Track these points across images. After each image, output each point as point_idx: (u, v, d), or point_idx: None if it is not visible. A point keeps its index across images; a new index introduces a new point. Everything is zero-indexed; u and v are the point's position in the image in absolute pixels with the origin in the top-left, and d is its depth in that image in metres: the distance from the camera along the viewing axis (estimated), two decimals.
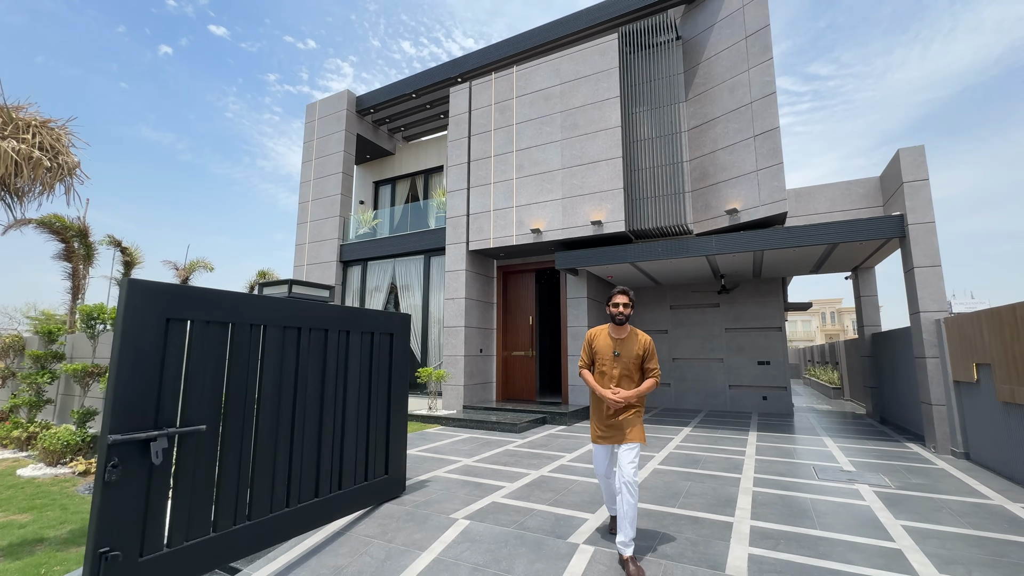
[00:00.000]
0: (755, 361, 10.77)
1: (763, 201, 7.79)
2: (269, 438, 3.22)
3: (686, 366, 11.39)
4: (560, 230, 9.13)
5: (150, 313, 2.61)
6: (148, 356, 2.58)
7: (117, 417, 2.44)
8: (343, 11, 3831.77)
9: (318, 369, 3.66)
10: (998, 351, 4.99)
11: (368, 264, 12.41)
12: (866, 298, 9.94)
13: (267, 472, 3.18)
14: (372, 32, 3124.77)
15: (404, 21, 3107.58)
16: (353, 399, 3.93)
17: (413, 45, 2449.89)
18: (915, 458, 6.01)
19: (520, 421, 8.08)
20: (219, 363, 2.95)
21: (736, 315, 11.06)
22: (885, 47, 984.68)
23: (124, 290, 2.54)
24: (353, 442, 3.90)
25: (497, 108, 10.40)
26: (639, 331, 3.31)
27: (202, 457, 2.82)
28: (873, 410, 9.73)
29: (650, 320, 11.84)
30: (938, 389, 6.31)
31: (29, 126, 3.99)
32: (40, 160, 3.96)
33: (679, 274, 10.22)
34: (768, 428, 8.30)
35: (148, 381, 2.57)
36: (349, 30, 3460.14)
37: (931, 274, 6.51)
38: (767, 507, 4.10)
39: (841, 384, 14.31)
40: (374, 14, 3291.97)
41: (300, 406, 3.46)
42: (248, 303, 3.15)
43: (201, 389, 2.84)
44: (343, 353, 3.90)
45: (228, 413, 2.98)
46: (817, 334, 61.12)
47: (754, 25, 8.19)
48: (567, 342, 9.87)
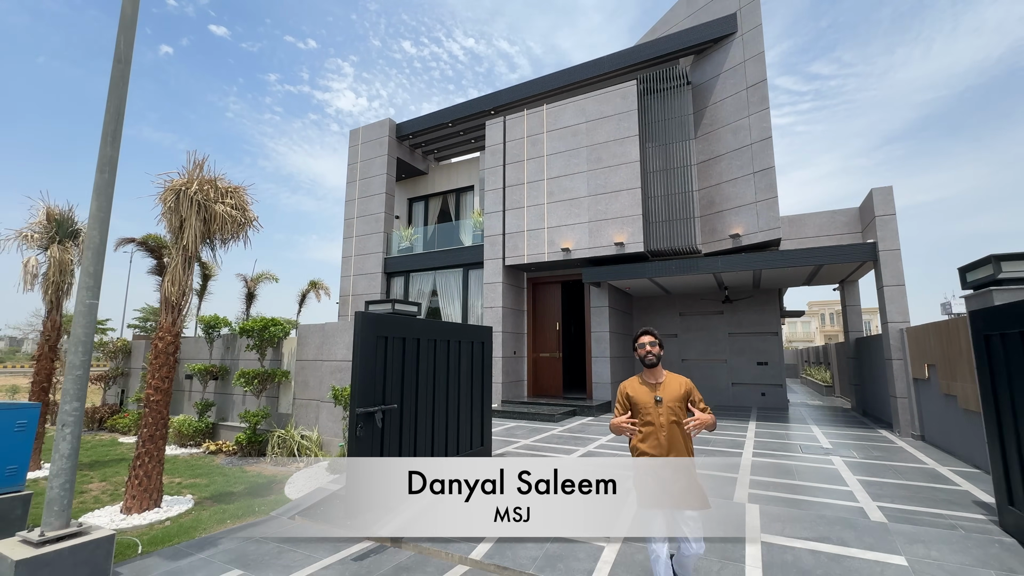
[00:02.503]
0: (755, 362, 12.27)
1: (761, 228, 9.30)
2: (426, 413, 4.75)
3: (693, 366, 12.89)
4: (587, 249, 10.63)
5: (370, 333, 4.13)
6: (371, 360, 4.11)
7: (359, 398, 3.97)
8: (344, 11, 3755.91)
9: (444, 367, 5.18)
10: (940, 354, 6.50)
11: (410, 275, 13.93)
12: (851, 307, 11.45)
13: (426, 435, 4.71)
14: (373, 32, 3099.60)
15: (405, 20, 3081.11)
16: (465, 388, 5.46)
17: (414, 45, 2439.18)
18: (882, 440, 7.52)
19: (556, 413, 9.59)
20: (401, 364, 4.48)
21: (738, 321, 12.57)
22: (887, 46, 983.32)
23: (358, 319, 4.06)
24: (467, 419, 5.43)
25: (529, 141, 11.92)
26: (674, 373, 2.92)
27: (394, 425, 4.35)
28: (857, 404, 11.23)
29: (661, 325, 13.35)
30: (902, 384, 7.82)
31: (227, 192, 5.52)
32: (236, 217, 5.49)
33: (688, 286, 11.73)
34: (765, 419, 9.81)
35: (372, 376, 4.10)
36: (350, 30, 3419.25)
37: (897, 292, 8.02)
38: (761, 469, 5.62)
39: (832, 382, 15.82)
40: (375, 14, 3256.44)
41: (439, 393, 4.99)
42: (415, 324, 4.69)
43: (393, 381, 4.37)
44: (456, 356, 5.42)
45: (405, 397, 4.50)
46: (816, 335, 62.55)
47: (753, 78, 9.70)
48: (591, 345, 11.37)
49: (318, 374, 7.47)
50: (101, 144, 3.84)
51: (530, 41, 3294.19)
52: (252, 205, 5.86)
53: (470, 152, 16.29)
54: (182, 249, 5.17)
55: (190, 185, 5.20)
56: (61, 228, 6.77)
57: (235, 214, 5.45)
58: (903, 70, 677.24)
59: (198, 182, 5.25)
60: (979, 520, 3.96)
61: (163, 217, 5.20)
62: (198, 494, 5.63)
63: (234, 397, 8.49)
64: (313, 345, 7.60)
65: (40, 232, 6.62)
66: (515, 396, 11.70)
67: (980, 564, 3.24)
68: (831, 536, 3.70)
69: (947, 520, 3.97)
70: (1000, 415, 3.62)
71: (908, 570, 3.21)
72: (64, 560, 3.26)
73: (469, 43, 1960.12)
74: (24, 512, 4.17)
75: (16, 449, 4.19)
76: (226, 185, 5.55)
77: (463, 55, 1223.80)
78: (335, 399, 6.50)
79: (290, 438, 7.06)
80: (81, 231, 6.99)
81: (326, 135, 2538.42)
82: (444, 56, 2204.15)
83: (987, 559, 3.30)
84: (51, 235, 6.66)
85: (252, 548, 4.11)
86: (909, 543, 3.54)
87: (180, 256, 5.16)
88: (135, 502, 4.81)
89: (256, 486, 5.95)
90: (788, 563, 3.35)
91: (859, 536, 3.68)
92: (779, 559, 3.41)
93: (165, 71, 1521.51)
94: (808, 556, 3.45)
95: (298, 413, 7.58)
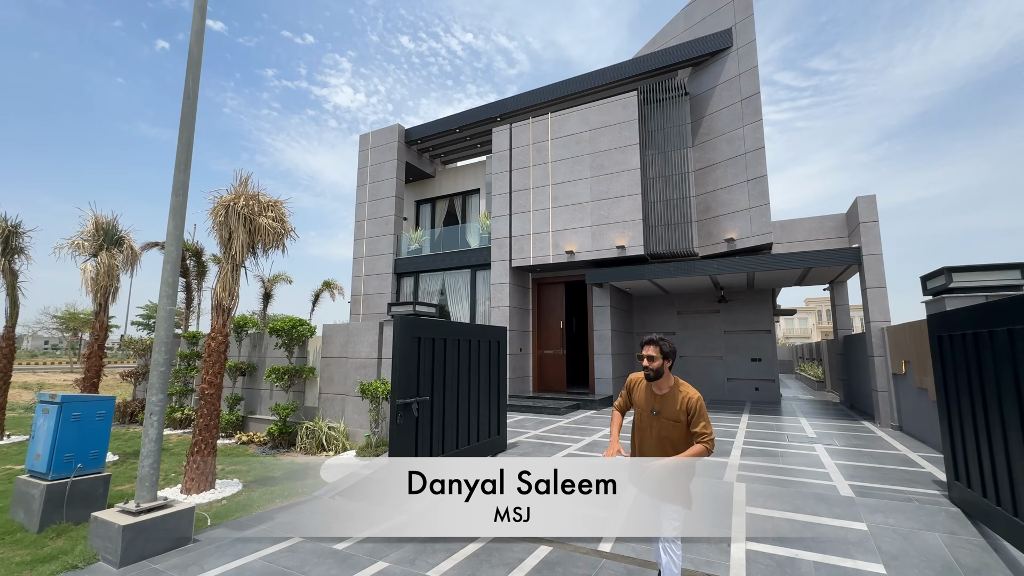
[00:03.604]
0: (749, 358, 12.90)
1: (754, 233, 9.90)
2: (452, 404, 5.36)
3: (691, 362, 13.53)
4: (590, 252, 11.23)
5: (407, 334, 4.73)
6: (408, 357, 4.71)
7: (399, 390, 4.57)
8: (341, 6, 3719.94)
9: (466, 363, 5.77)
10: (915, 352, 7.12)
11: (420, 276, 14.52)
12: (840, 306, 12.08)
13: (452, 424, 5.33)
14: (371, 27, 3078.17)
15: (403, 15, 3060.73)
16: (484, 383, 6.07)
17: (412, 40, 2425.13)
18: (864, 430, 8.16)
19: (561, 406, 10.21)
20: (431, 361, 5.08)
21: (733, 320, 13.19)
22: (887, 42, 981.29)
23: (397, 322, 4.66)
24: (486, 410, 6.04)
25: (535, 148, 12.48)
26: (686, 385, 2.71)
27: (426, 414, 4.95)
28: (844, 398, 11.88)
29: (660, 324, 13.98)
30: (883, 379, 8.44)
31: (269, 205, 6.10)
32: (276, 228, 6.07)
33: (686, 287, 12.34)
34: (758, 412, 10.45)
35: (409, 371, 4.70)
36: (347, 25, 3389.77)
37: (879, 293, 8.63)
38: (750, 454, 6.24)
39: (824, 378, 16.48)
40: (372, 8, 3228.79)
41: (462, 386, 5.60)
42: (443, 326, 5.29)
43: (425, 376, 4.97)
44: (475, 353, 6.02)
45: (435, 390, 5.11)
46: (813, 331, 63.30)
47: (748, 91, 10.28)
48: (593, 343, 11.98)
49: (343, 370, 8.07)
50: (175, 170, 4.42)
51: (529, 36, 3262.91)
52: (290, 216, 6.45)
53: (476, 156, 16.85)
54: (231, 258, 5.75)
55: (237, 200, 5.78)
56: (108, 236, 7.35)
57: (275, 226, 6.03)
58: (902, 65, 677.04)
59: (244, 197, 5.83)
60: (933, 495, 4.59)
61: (213, 229, 5.78)
62: (242, 479, 6.24)
63: (261, 392, 9.09)
64: (338, 343, 8.19)
65: (90, 240, 7.18)
66: (521, 391, 12.31)
67: (927, 528, 3.87)
68: (805, 508, 4.32)
69: (906, 495, 4.60)
70: (949, 404, 4.24)
71: (867, 533, 3.83)
72: (156, 527, 3.88)
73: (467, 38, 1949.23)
74: (105, 490, 4.78)
75: (97, 436, 4.80)
76: (267, 199, 6.13)
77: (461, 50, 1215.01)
78: (362, 393, 7.10)
79: (318, 429, 7.67)
80: (125, 238, 7.56)
81: (324, 131, 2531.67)
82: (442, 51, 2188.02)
83: (934, 524, 3.93)
84: (99, 243, 7.23)
85: (305, 521, 4.73)
86: (870, 513, 4.16)
87: (229, 264, 5.75)
88: (193, 484, 5.41)
89: (293, 472, 6.56)
90: (768, 528, 3.98)
91: (829, 508, 4.30)
92: (760, 525, 4.04)
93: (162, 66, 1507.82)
94: (785, 523, 4.07)
95: (324, 406, 8.19)
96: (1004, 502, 3.42)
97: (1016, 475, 3.26)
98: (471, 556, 3.90)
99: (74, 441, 4.59)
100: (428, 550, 4.02)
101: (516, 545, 4.11)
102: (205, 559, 3.82)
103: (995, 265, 4.85)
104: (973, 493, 3.89)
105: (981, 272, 4.89)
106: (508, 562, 3.78)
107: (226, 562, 3.77)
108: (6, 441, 8.31)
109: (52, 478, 4.42)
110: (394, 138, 15.30)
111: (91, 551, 3.82)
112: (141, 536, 3.77)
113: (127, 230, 7.65)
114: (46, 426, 4.57)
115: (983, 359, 3.63)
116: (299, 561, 3.81)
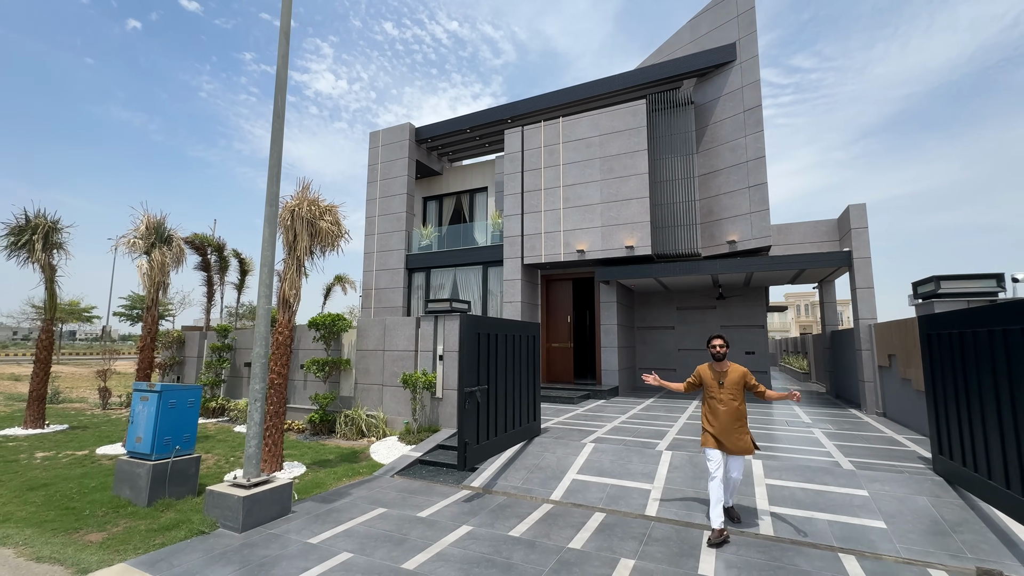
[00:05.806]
0: (743, 351, 13.79)
1: (754, 236, 10.70)
2: (503, 392, 5.99)
3: (689, 355, 14.37)
4: (600, 251, 11.90)
5: (471, 330, 5.33)
6: (472, 351, 5.31)
7: (466, 379, 5.18)
8: None
9: (512, 356, 6.40)
10: (900, 346, 7.99)
11: (431, 271, 15.02)
12: (828, 304, 13.03)
13: (504, 410, 5.96)
14: (353, 12, 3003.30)
15: (386, 1, 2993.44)
16: (522, 373, 6.70)
17: (396, 26, 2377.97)
18: (852, 416, 9.06)
19: (574, 396, 10.92)
20: (487, 354, 5.69)
21: (729, 315, 14.06)
22: (866, 41, 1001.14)
23: (462, 320, 5.26)
24: (525, 398, 6.68)
25: (546, 150, 13.06)
26: (735, 364, 4.42)
27: (485, 401, 5.58)
28: (831, 388, 12.87)
29: (660, 318, 14.78)
30: (869, 371, 9.35)
31: (326, 209, 6.59)
32: (333, 231, 6.57)
33: (686, 284, 13.13)
34: (753, 401, 11.31)
35: (473, 363, 5.31)
36: (329, 8, 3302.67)
37: (867, 293, 9.51)
38: (758, 437, 7.00)
39: (809, 370, 17.57)
40: None
41: (509, 377, 6.22)
42: (495, 323, 5.90)
43: (483, 367, 5.58)
44: (518, 347, 6.65)
45: (491, 379, 5.73)
46: (792, 325, 65.53)
47: (750, 103, 11.02)
48: (600, 336, 12.70)
49: (379, 362, 8.61)
50: (268, 182, 4.93)
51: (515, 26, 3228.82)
52: (344, 220, 6.95)
53: (483, 155, 17.33)
54: (295, 259, 6.25)
55: (300, 206, 6.26)
56: (158, 234, 7.72)
57: (333, 228, 6.54)
58: (880, 65, 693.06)
59: (307, 202, 6.31)
60: (920, 468, 5.41)
61: (280, 232, 6.25)
62: (302, 461, 6.77)
63: (295, 383, 9.56)
64: (373, 337, 8.72)
65: (143, 238, 7.55)
66: None
67: (917, 493, 4.66)
68: (815, 479, 5.09)
69: (897, 468, 5.41)
70: (936, 391, 5.03)
71: (869, 498, 4.61)
72: (266, 498, 4.45)
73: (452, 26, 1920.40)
74: (196, 470, 5.30)
75: (189, 421, 5.31)
76: (325, 204, 6.62)
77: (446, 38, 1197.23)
78: (404, 383, 7.67)
79: (357, 417, 8.22)
80: (173, 236, 7.94)
81: (304, 118, 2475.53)
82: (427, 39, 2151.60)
83: (922, 490, 4.73)
84: (152, 241, 7.61)
85: (379, 495, 5.33)
86: (870, 482, 4.94)
87: (294, 264, 6.25)
88: (266, 465, 5.94)
89: (344, 455, 7.12)
90: (786, 496, 4.73)
91: (835, 479, 5.08)
92: (779, 494, 4.79)
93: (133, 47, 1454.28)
94: (800, 492, 4.83)
95: (360, 396, 8.73)
96: (980, 468, 4.22)
97: (991, 447, 4.04)
98: (540, 520, 4.57)
99: (171, 426, 5.08)
100: (501, 516, 4.68)
101: (576, 511, 4.79)
102: (310, 526, 4.40)
103: (976, 275, 5.67)
104: (955, 464, 4.69)
105: (964, 280, 5.71)
106: (574, 524, 4.45)
107: (331, 527, 4.36)
108: (48, 430, 8.64)
109: (155, 459, 4.92)
110: (405, 136, 15.68)
111: (210, 519, 4.36)
112: (256, 506, 4.33)
113: (173, 228, 8.03)
114: (146, 412, 5.05)
115: (966, 354, 4.41)
116: (394, 526, 4.42)
